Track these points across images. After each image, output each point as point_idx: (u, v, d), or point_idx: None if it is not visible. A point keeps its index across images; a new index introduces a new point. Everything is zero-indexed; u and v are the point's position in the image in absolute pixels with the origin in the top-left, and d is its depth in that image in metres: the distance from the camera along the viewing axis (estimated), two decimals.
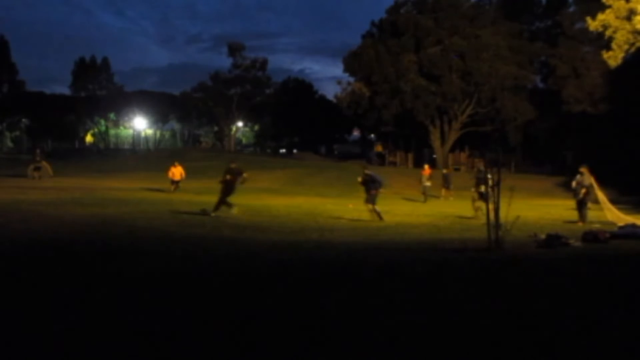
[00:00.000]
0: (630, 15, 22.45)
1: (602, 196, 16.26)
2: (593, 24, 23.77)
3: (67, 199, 17.69)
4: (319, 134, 70.63)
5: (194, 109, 71.23)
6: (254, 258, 8.15)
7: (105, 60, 75.00)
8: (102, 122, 76.74)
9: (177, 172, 24.46)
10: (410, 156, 50.61)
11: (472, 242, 9.98)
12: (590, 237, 10.41)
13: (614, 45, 23.26)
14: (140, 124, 74.66)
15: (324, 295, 5.52)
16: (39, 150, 31.33)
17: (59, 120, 69.23)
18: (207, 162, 39.06)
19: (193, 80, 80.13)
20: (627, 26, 22.61)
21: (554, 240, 9.65)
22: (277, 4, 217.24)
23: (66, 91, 75.55)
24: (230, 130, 73.39)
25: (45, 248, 8.47)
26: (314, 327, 4.29)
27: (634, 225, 12.32)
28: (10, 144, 74.56)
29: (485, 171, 17.06)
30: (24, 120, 72.79)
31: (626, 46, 23.03)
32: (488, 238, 8.93)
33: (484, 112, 45.57)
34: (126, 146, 79.75)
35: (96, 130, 78.72)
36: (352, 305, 5.03)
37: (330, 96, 62.10)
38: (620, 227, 12.30)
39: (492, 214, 9.03)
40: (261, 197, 22.73)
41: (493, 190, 9.13)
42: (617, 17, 22.81)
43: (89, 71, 72.77)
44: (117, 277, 6.31)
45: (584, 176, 15.44)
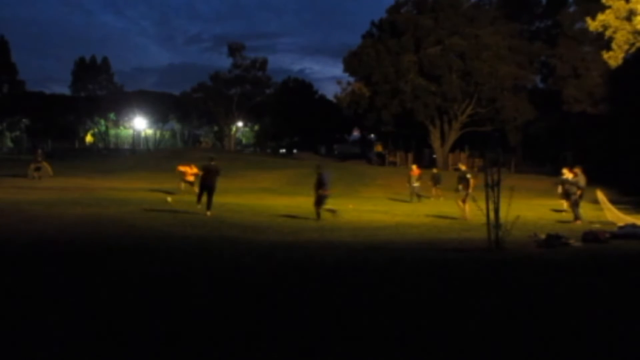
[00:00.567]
0: (630, 15, 22.47)
1: (602, 196, 16.30)
2: (593, 24, 23.78)
3: (67, 199, 17.69)
4: (319, 134, 70.64)
5: (194, 109, 71.29)
6: (254, 258, 8.16)
7: (105, 60, 75.09)
8: (102, 122, 76.77)
9: (189, 173, 24.08)
10: (410, 156, 50.59)
11: (472, 242, 9.99)
12: (590, 237, 10.42)
13: (614, 46, 23.27)
14: (140, 124, 74.68)
15: (324, 295, 5.53)
16: (40, 151, 31.34)
17: (59, 120, 69.28)
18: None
19: (193, 80, 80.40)
20: (627, 26, 22.63)
21: (554, 240, 9.66)
22: (277, 4, 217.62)
23: (66, 91, 75.78)
24: (230, 130, 73.42)
25: (45, 248, 8.47)
26: (313, 327, 4.29)
27: (634, 225, 12.32)
28: (10, 144, 74.51)
29: (465, 171, 17.19)
30: (24, 120, 72.79)
31: (626, 46, 23.04)
32: (488, 238, 8.94)
33: (484, 112, 45.55)
34: (126, 146, 79.71)
35: (96, 130, 78.77)
36: (352, 306, 5.04)
37: (330, 96, 62.22)
38: (620, 227, 12.31)
39: (492, 214, 9.03)
40: (261, 197, 22.73)
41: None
42: (617, 18, 22.82)
43: (89, 71, 72.83)
44: (118, 276, 6.31)
45: (579, 177, 15.52)
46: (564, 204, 18.14)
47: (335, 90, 63.90)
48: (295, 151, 70.46)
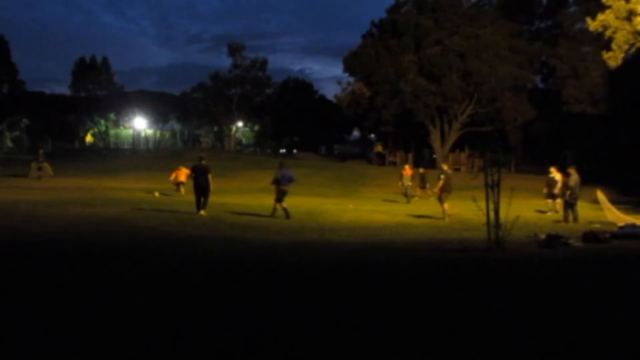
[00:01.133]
0: (630, 15, 22.46)
1: (602, 196, 16.33)
2: (593, 24, 23.78)
3: (67, 199, 17.69)
4: (319, 134, 70.60)
5: (194, 109, 71.24)
6: (254, 258, 8.16)
7: (105, 60, 74.99)
8: (102, 122, 76.71)
9: (183, 174, 24.10)
10: (410, 156, 50.60)
11: (472, 242, 9.99)
12: (590, 237, 10.42)
13: (614, 46, 23.27)
14: (140, 124, 74.65)
15: (324, 295, 5.53)
16: (42, 151, 31.39)
17: (59, 120, 69.23)
18: (207, 162, 38.92)
19: (193, 80, 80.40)
20: (627, 26, 22.62)
21: (554, 240, 9.66)
22: (277, 4, 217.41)
23: (66, 91, 75.59)
24: (230, 130, 73.43)
25: (45, 248, 8.47)
26: (314, 327, 4.30)
27: (634, 225, 12.34)
28: (10, 144, 74.48)
29: (442, 171, 17.27)
30: (24, 120, 72.73)
31: (626, 46, 23.03)
32: (488, 238, 8.94)
33: (484, 112, 45.56)
34: (126, 146, 79.61)
35: (96, 130, 78.71)
36: (352, 306, 5.04)
37: (330, 96, 62.22)
38: (620, 227, 12.32)
39: (492, 214, 9.04)
40: (261, 197, 22.72)
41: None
42: (617, 18, 22.82)
43: (89, 71, 72.71)
44: (118, 276, 6.31)
45: (571, 177, 15.55)
46: (549, 204, 18.16)
47: (335, 90, 63.94)
48: (295, 151, 70.42)
